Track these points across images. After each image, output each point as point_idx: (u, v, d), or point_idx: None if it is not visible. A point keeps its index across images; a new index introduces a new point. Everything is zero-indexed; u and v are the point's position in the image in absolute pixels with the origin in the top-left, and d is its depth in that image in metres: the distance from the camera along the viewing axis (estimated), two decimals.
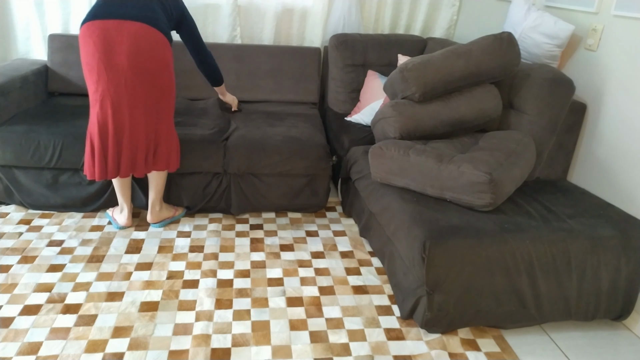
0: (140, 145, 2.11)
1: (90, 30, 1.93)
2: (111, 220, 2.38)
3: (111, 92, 1.99)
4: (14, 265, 2.03)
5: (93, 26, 1.93)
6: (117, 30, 1.93)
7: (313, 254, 2.26)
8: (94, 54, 1.94)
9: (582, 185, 2.21)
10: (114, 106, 2.01)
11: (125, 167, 2.11)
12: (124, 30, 1.94)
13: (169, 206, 2.44)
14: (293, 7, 3.15)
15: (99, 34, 1.93)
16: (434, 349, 1.74)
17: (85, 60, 1.98)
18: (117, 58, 1.95)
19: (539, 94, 2.07)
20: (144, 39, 1.96)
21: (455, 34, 3.36)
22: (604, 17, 2.09)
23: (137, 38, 1.95)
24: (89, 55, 1.96)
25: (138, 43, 1.95)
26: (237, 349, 1.67)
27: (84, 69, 2.01)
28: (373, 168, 2.05)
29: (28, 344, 1.64)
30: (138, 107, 2.04)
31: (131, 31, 1.94)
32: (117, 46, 1.94)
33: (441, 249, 1.66)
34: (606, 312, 1.85)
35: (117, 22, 1.93)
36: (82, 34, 1.96)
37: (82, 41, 1.96)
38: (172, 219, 2.43)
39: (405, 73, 2.09)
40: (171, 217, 2.42)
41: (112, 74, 1.97)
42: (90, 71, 1.98)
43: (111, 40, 1.93)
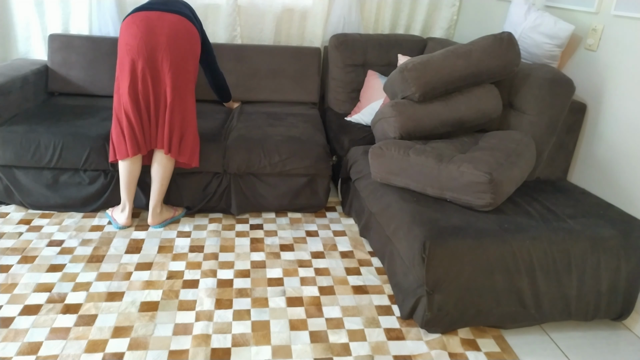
0: (175, 124, 2.21)
1: (133, 18, 2.12)
2: (111, 220, 2.37)
3: (150, 67, 2.13)
4: (14, 265, 2.03)
5: (136, 16, 2.13)
6: (158, 19, 2.13)
7: (313, 254, 2.26)
8: (136, 35, 2.10)
9: (582, 185, 2.21)
10: (154, 80, 2.15)
11: (160, 139, 2.21)
12: (165, 19, 2.13)
13: (169, 207, 2.44)
14: (293, 7, 3.15)
15: (142, 19, 2.11)
16: (434, 349, 1.74)
17: (125, 40, 2.12)
18: (157, 38, 2.11)
19: (539, 94, 2.07)
20: (181, 26, 2.16)
21: (455, 34, 3.36)
22: (604, 17, 2.09)
23: (176, 25, 2.15)
24: (130, 36, 2.10)
25: (176, 28, 2.14)
26: (237, 349, 1.67)
27: (121, 50, 2.14)
28: (373, 168, 2.05)
29: (28, 344, 1.64)
30: (172, 87, 2.16)
31: (171, 20, 2.14)
32: (158, 29, 2.11)
33: (441, 249, 1.66)
34: (606, 312, 1.85)
35: (159, 13, 2.14)
36: (126, 22, 2.13)
37: (125, 27, 2.13)
38: (172, 219, 2.43)
39: (405, 73, 2.09)
40: (171, 217, 2.42)
41: (150, 52, 2.11)
42: (129, 50, 2.11)
43: (153, 25, 2.11)
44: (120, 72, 2.15)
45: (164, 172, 2.28)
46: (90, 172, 2.39)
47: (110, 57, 2.88)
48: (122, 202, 2.33)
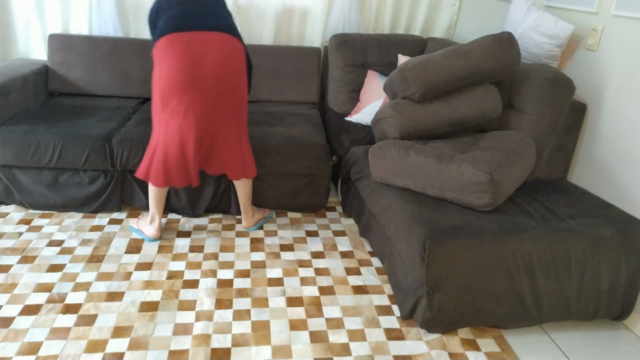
0: (242, 150, 2.15)
1: (173, 44, 1.90)
2: (138, 234, 2.29)
3: (195, 104, 1.97)
4: (14, 265, 2.03)
5: (177, 39, 1.90)
6: (201, 43, 1.92)
7: (313, 254, 2.26)
8: (180, 70, 1.91)
9: (582, 185, 2.21)
10: (198, 117, 1.99)
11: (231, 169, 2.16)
12: (209, 41, 1.93)
13: (258, 209, 2.47)
14: (293, 7, 3.15)
15: (184, 46, 1.90)
16: (434, 349, 1.74)
17: (168, 73, 1.92)
18: (204, 71, 1.93)
19: (539, 94, 2.07)
20: (227, 49, 1.96)
21: (455, 34, 3.36)
22: (604, 17, 2.09)
23: (221, 49, 1.95)
24: (172, 69, 1.91)
25: (222, 54, 1.95)
26: (237, 349, 1.67)
27: (160, 81, 1.95)
28: (373, 168, 2.05)
29: (28, 344, 1.64)
30: (222, 116, 2.05)
31: (215, 42, 1.94)
32: (203, 58, 1.92)
33: (441, 249, 1.66)
34: (606, 312, 1.85)
35: (201, 34, 1.92)
36: (165, 46, 1.91)
37: (164, 54, 1.91)
38: (264, 221, 2.46)
39: (405, 73, 2.09)
40: (262, 218, 2.45)
41: (198, 87, 1.95)
42: (174, 85, 1.93)
43: (197, 53, 1.91)
44: (164, 107, 1.98)
45: (249, 183, 2.31)
46: (90, 172, 2.39)
47: (110, 57, 2.88)
48: (151, 215, 2.25)
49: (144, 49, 2.90)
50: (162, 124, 2.03)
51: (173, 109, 1.98)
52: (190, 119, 1.99)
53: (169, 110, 1.99)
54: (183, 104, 1.96)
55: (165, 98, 1.97)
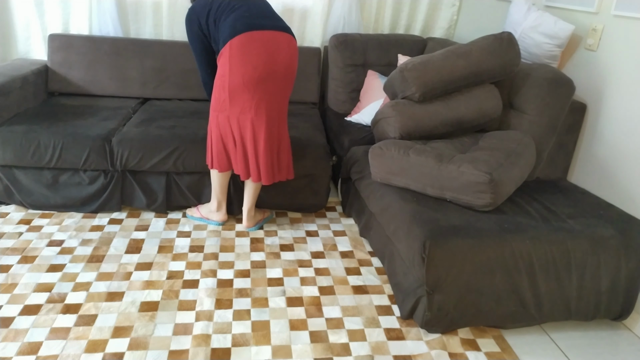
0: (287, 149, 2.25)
1: (250, 42, 1.98)
2: (203, 221, 2.42)
3: (266, 100, 2.07)
4: (14, 265, 2.03)
5: (254, 37, 1.99)
6: (274, 42, 2.02)
7: (313, 254, 2.26)
8: (257, 66, 1.99)
9: (582, 185, 2.21)
10: (268, 112, 2.09)
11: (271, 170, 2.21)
12: (280, 41, 2.04)
13: (258, 209, 2.49)
14: (293, 7, 3.14)
15: (261, 45, 1.99)
16: (434, 349, 1.74)
17: (244, 70, 1.99)
18: (276, 69, 2.03)
19: (539, 94, 2.07)
20: (293, 49, 2.09)
21: (455, 34, 3.36)
22: (604, 17, 2.09)
23: (290, 49, 2.07)
24: (249, 65, 1.99)
25: (290, 53, 2.07)
26: (237, 349, 1.67)
27: (235, 78, 2.01)
28: (373, 168, 2.05)
29: (28, 344, 1.64)
30: (282, 113, 2.17)
31: (285, 42, 2.05)
32: (276, 57, 2.02)
33: (441, 249, 1.66)
34: (606, 312, 1.85)
35: (273, 34, 2.03)
36: (241, 44, 1.98)
37: (240, 51, 1.98)
38: (264, 221, 2.47)
39: (405, 73, 2.09)
40: (263, 219, 2.47)
41: (270, 83, 2.05)
42: (249, 81, 2.01)
43: (271, 51, 2.01)
44: (233, 102, 2.06)
45: (259, 186, 2.34)
46: (90, 172, 2.39)
47: (110, 57, 2.88)
48: (218, 202, 2.36)
49: (144, 49, 2.90)
50: (229, 120, 2.10)
51: (244, 105, 2.06)
52: (261, 114, 2.08)
53: (239, 106, 2.07)
54: (255, 99, 2.05)
55: (238, 94, 2.04)
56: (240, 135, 2.13)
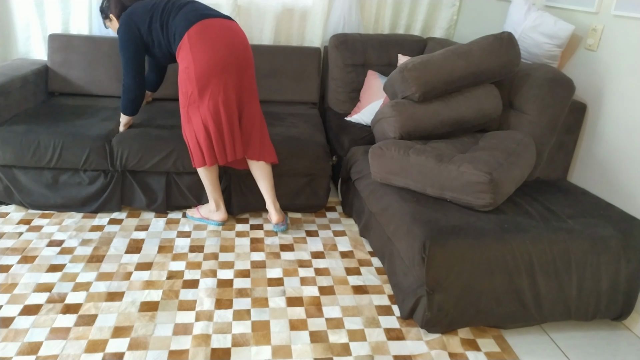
0: (263, 132, 2.29)
1: (207, 28, 2.07)
2: (203, 222, 2.43)
3: (233, 80, 2.13)
4: (14, 265, 2.03)
5: (209, 24, 2.08)
6: (227, 27, 2.12)
7: (313, 254, 2.26)
8: (219, 48, 2.06)
9: (582, 185, 2.21)
10: (235, 92, 2.15)
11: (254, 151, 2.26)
12: (232, 26, 2.14)
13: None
14: (293, 7, 3.14)
15: (217, 29, 2.08)
16: (434, 349, 1.74)
17: (207, 55, 2.05)
18: (235, 50, 2.11)
19: (539, 94, 2.07)
20: (243, 33, 2.19)
21: (455, 34, 3.36)
22: (604, 17, 2.09)
23: (241, 32, 2.18)
24: (211, 50, 2.06)
25: (243, 37, 2.17)
26: (237, 349, 1.67)
27: (200, 66, 2.06)
28: (373, 168, 2.05)
29: (28, 344, 1.64)
30: (247, 93, 2.22)
31: (235, 26, 2.16)
32: (233, 38, 2.11)
33: (441, 249, 1.66)
34: (606, 312, 1.85)
35: (222, 20, 2.13)
36: (199, 31, 2.06)
37: (199, 39, 2.05)
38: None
39: (405, 73, 2.09)
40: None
41: (233, 65, 2.10)
42: (214, 65, 2.06)
43: (227, 33, 2.10)
44: (202, 93, 2.10)
45: (268, 171, 2.34)
46: (90, 172, 2.39)
47: (110, 57, 2.88)
48: (215, 202, 2.36)
49: None
50: (200, 111, 2.13)
51: (213, 90, 2.10)
52: (230, 93, 2.14)
53: (208, 93, 2.10)
54: (222, 81, 2.10)
55: (205, 81, 2.08)
56: (215, 122, 2.14)
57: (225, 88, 2.11)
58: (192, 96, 2.11)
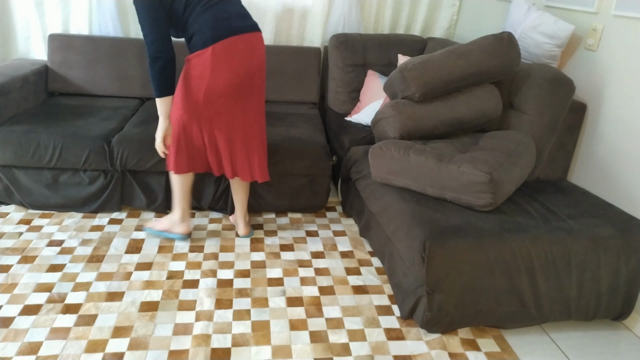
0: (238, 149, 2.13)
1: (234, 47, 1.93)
2: (164, 235, 2.27)
3: (242, 102, 2.03)
4: (14, 265, 2.03)
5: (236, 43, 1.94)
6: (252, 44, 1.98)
7: (313, 254, 2.26)
8: (239, 73, 1.96)
9: (582, 185, 2.21)
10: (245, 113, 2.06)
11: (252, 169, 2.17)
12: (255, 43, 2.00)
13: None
14: (293, 7, 3.14)
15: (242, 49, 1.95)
16: (434, 349, 1.74)
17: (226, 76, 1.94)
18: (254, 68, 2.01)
19: (539, 93, 2.07)
20: (263, 49, 2.06)
21: (455, 34, 3.36)
22: (604, 17, 2.09)
23: (263, 47, 2.05)
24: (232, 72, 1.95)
25: (262, 54, 2.04)
26: (237, 349, 1.67)
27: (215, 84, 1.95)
28: (373, 168, 2.05)
29: (28, 344, 1.64)
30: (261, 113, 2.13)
31: (259, 43, 2.02)
32: (254, 58, 2.00)
33: (441, 249, 1.66)
34: (606, 312, 1.85)
35: (249, 36, 1.98)
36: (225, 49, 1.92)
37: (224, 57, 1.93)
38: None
39: (405, 73, 2.09)
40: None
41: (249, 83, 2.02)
42: (229, 87, 1.97)
43: (250, 54, 1.98)
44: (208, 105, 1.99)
45: (248, 184, 2.31)
46: (90, 172, 2.39)
47: (110, 57, 2.88)
48: (182, 212, 2.23)
49: (143, 49, 2.90)
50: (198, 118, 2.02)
51: (220, 108, 2.01)
52: (237, 115, 2.05)
53: (214, 109, 2.00)
54: (231, 102, 2.01)
55: (215, 98, 1.98)
56: (211, 135, 2.06)
57: (235, 107, 2.02)
58: (196, 104, 1.99)
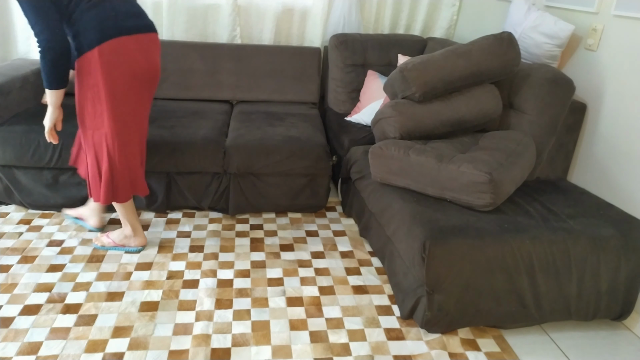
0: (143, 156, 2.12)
1: (124, 47, 1.83)
2: (118, 250, 2.18)
3: (145, 107, 1.99)
4: (14, 265, 2.03)
5: (126, 42, 1.83)
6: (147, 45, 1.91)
7: (313, 254, 2.26)
8: (136, 75, 1.88)
9: (582, 185, 2.21)
10: (146, 118, 2.03)
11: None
12: (151, 43, 1.93)
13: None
14: (293, 7, 3.14)
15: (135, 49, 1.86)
16: (434, 349, 1.74)
17: (123, 79, 1.85)
18: (152, 70, 1.94)
19: (539, 94, 2.07)
20: (158, 50, 1.98)
21: (455, 34, 3.36)
22: (604, 17, 2.09)
23: (158, 48, 1.97)
24: (127, 73, 1.85)
25: (157, 55, 1.97)
26: (237, 349, 1.67)
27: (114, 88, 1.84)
28: (373, 168, 2.05)
29: (28, 344, 1.64)
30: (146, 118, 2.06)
31: (154, 42, 1.95)
32: (151, 59, 1.93)
33: (441, 249, 1.66)
34: (606, 312, 1.85)
35: (144, 37, 1.90)
36: (114, 50, 1.81)
37: (116, 58, 1.82)
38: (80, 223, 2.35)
39: (405, 73, 2.09)
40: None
41: (147, 91, 1.96)
42: (130, 88, 1.88)
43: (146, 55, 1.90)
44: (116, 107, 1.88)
45: None
46: None
47: None
48: (132, 227, 2.14)
49: None
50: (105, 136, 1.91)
51: (127, 118, 1.91)
52: (144, 121, 2.01)
53: (120, 120, 1.90)
54: (138, 108, 1.95)
55: (118, 104, 1.87)
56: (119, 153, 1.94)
57: (141, 113, 1.96)
58: (100, 118, 1.87)
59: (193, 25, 3.08)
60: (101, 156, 1.95)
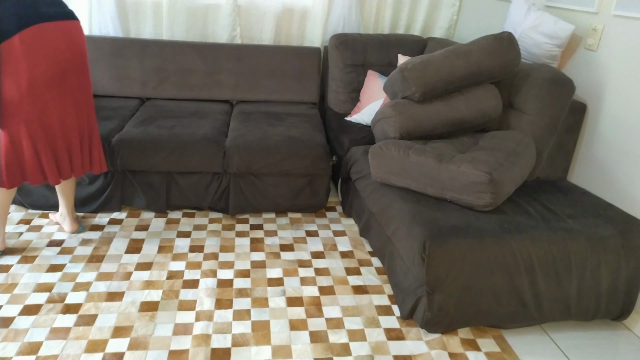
0: (74, 145, 2.06)
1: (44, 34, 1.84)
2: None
3: (72, 93, 1.98)
4: (14, 265, 2.03)
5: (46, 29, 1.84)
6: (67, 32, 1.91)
7: (313, 254, 2.26)
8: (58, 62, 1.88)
9: (582, 185, 2.21)
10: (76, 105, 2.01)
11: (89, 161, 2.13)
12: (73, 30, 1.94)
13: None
14: (293, 7, 3.14)
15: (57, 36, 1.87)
16: (434, 349, 1.74)
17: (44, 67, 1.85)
18: (75, 57, 1.95)
19: (539, 94, 2.07)
20: (81, 37, 1.99)
21: (455, 34, 3.36)
22: (604, 17, 2.09)
23: (82, 35, 1.98)
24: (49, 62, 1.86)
25: (80, 43, 1.98)
26: (237, 349, 1.67)
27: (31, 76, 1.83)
28: (373, 168, 2.05)
29: (28, 344, 1.64)
30: (83, 105, 2.05)
31: (77, 30, 1.96)
32: (73, 46, 1.93)
33: (441, 249, 1.66)
34: (606, 312, 1.85)
35: (63, 24, 1.91)
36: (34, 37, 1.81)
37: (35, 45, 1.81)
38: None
39: (405, 73, 2.09)
40: None
41: (69, 78, 1.95)
42: (51, 78, 1.88)
43: (67, 41, 1.91)
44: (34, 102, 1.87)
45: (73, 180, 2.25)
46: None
47: (110, 57, 2.87)
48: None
49: (143, 49, 2.90)
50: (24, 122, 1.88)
51: (47, 104, 1.91)
52: (69, 108, 1.99)
53: (39, 106, 1.89)
54: (59, 96, 1.93)
55: (38, 92, 1.87)
56: (46, 137, 1.94)
57: (64, 100, 1.95)
58: (18, 105, 1.85)
59: (193, 25, 3.08)
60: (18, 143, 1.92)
